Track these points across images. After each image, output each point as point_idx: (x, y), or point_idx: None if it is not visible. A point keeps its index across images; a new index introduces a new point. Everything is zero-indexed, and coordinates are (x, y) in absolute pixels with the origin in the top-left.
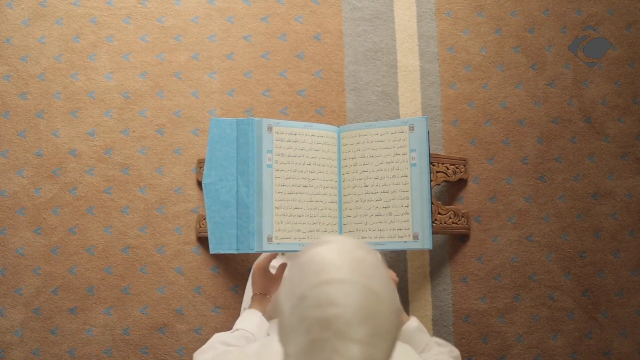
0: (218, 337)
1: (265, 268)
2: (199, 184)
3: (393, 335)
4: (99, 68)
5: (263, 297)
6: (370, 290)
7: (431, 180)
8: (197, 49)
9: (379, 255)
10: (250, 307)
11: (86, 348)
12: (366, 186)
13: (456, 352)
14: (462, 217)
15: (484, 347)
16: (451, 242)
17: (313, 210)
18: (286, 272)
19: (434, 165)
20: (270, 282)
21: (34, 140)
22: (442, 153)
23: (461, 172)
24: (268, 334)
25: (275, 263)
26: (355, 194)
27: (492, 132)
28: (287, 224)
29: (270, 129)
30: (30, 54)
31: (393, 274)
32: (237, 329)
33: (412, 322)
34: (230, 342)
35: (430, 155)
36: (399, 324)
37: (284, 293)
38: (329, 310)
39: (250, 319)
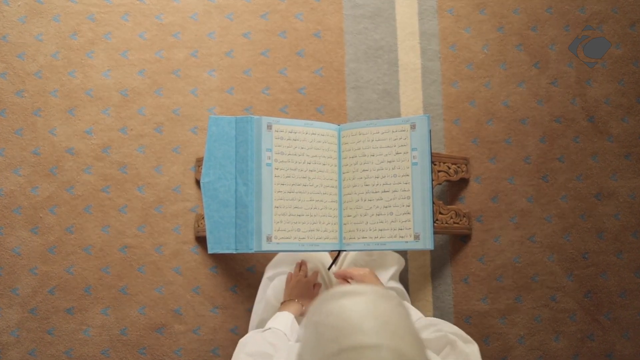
0: (254, 334)
1: (310, 285)
2: (198, 182)
3: None
4: (96, 65)
5: (293, 302)
6: (397, 352)
7: (432, 180)
8: (196, 46)
9: (401, 301)
10: (281, 309)
11: (83, 348)
12: (367, 185)
13: (451, 337)
14: (464, 217)
15: (485, 348)
16: (452, 242)
17: (313, 210)
18: (304, 332)
19: (435, 165)
20: (307, 293)
21: (30, 138)
22: (443, 152)
23: (463, 171)
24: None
25: (289, 270)
26: (355, 194)
27: (494, 131)
28: (286, 224)
29: (269, 127)
30: (27, 51)
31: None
32: (270, 328)
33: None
34: (270, 341)
35: (431, 155)
36: None
37: (305, 358)
38: None
39: (282, 320)
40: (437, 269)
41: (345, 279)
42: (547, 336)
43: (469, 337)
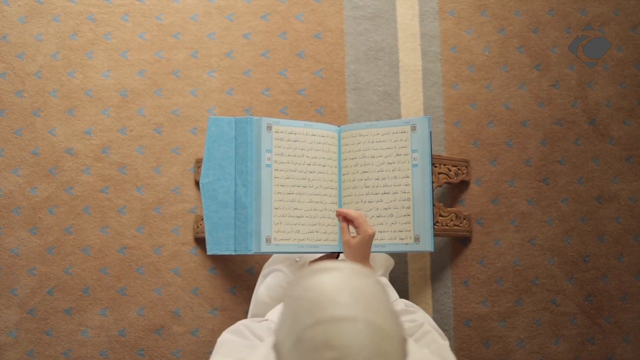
0: (244, 321)
1: None
2: (197, 183)
3: None
4: (96, 66)
5: None
6: (373, 325)
7: (433, 182)
8: (196, 47)
9: (378, 279)
10: None
11: (81, 349)
12: (367, 187)
13: (427, 327)
14: (464, 219)
15: (485, 352)
16: (452, 244)
17: (313, 212)
18: (282, 308)
19: (435, 167)
20: None
21: (30, 138)
22: (444, 154)
23: (463, 173)
24: None
25: (283, 268)
26: (355, 195)
27: (495, 134)
28: (286, 225)
29: (269, 127)
30: (26, 51)
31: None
32: (266, 319)
33: (381, 279)
34: (255, 331)
35: (432, 157)
36: (405, 354)
37: (281, 333)
38: (327, 354)
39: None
40: (437, 271)
41: (346, 219)
42: (548, 340)
43: (442, 333)
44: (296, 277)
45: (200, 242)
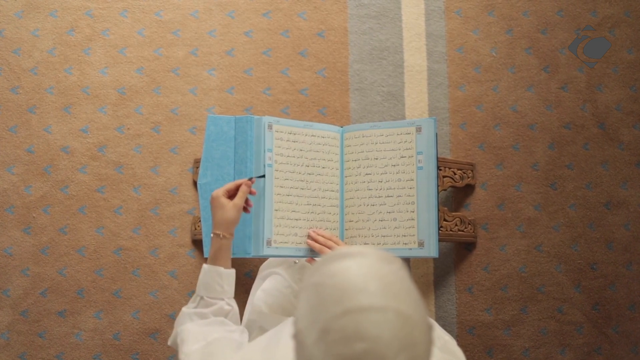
0: (191, 327)
1: (218, 198)
2: (195, 184)
3: (429, 357)
4: (93, 62)
5: (219, 239)
6: (403, 315)
7: (438, 185)
8: (196, 44)
9: (403, 264)
10: (209, 258)
11: (75, 353)
12: (369, 190)
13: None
14: (469, 224)
15: None
16: (457, 250)
17: (310, 214)
18: (302, 295)
19: (440, 170)
20: (226, 215)
21: (25, 136)
22: (449, 157)
23: (468, 177)
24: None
25: (280, 271)
26: (358, 198)
27: (502, 137)
28: (285, 227)
29: (270, 127)
30: (22, 47)
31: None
32: (202, 298)
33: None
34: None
35: (437, 159)
36: (432, 342)
37: (304, 322)
38: (357, 345)
39: (217, 282)
40: (441, 277)
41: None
42: (553, 349)
43: (445, 332)
44: (317, 263)
45: (197, 244)
